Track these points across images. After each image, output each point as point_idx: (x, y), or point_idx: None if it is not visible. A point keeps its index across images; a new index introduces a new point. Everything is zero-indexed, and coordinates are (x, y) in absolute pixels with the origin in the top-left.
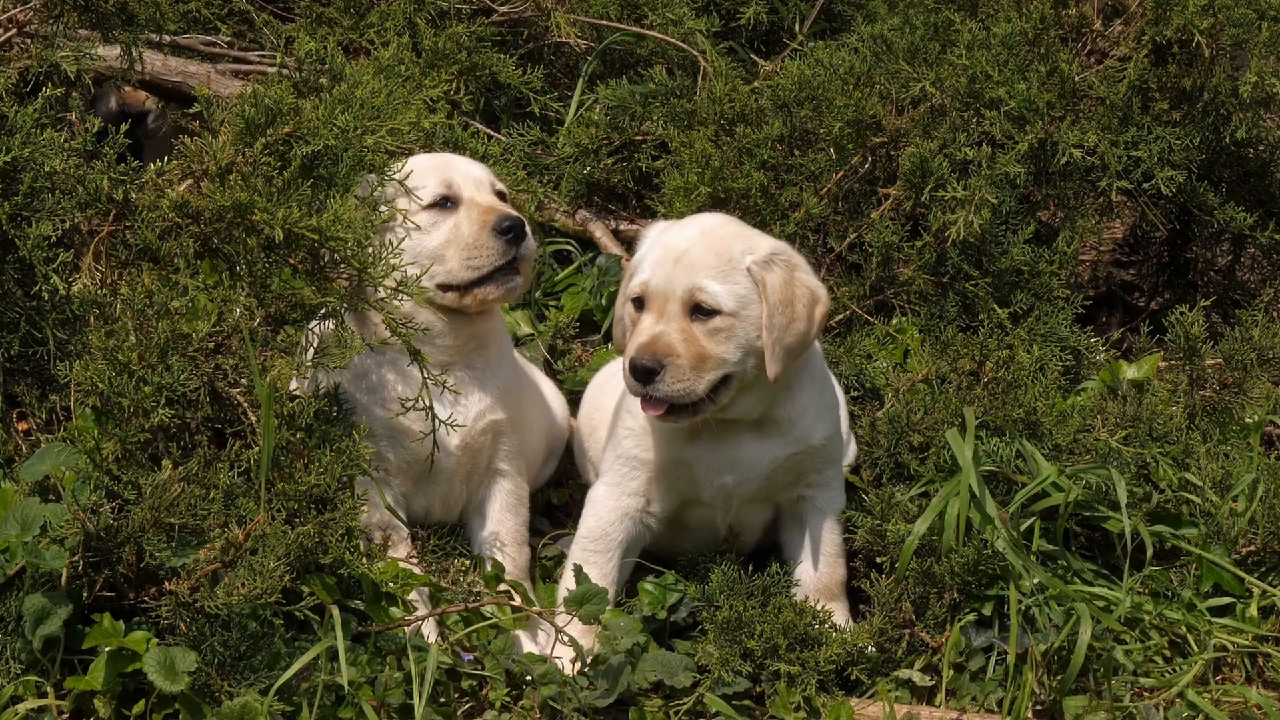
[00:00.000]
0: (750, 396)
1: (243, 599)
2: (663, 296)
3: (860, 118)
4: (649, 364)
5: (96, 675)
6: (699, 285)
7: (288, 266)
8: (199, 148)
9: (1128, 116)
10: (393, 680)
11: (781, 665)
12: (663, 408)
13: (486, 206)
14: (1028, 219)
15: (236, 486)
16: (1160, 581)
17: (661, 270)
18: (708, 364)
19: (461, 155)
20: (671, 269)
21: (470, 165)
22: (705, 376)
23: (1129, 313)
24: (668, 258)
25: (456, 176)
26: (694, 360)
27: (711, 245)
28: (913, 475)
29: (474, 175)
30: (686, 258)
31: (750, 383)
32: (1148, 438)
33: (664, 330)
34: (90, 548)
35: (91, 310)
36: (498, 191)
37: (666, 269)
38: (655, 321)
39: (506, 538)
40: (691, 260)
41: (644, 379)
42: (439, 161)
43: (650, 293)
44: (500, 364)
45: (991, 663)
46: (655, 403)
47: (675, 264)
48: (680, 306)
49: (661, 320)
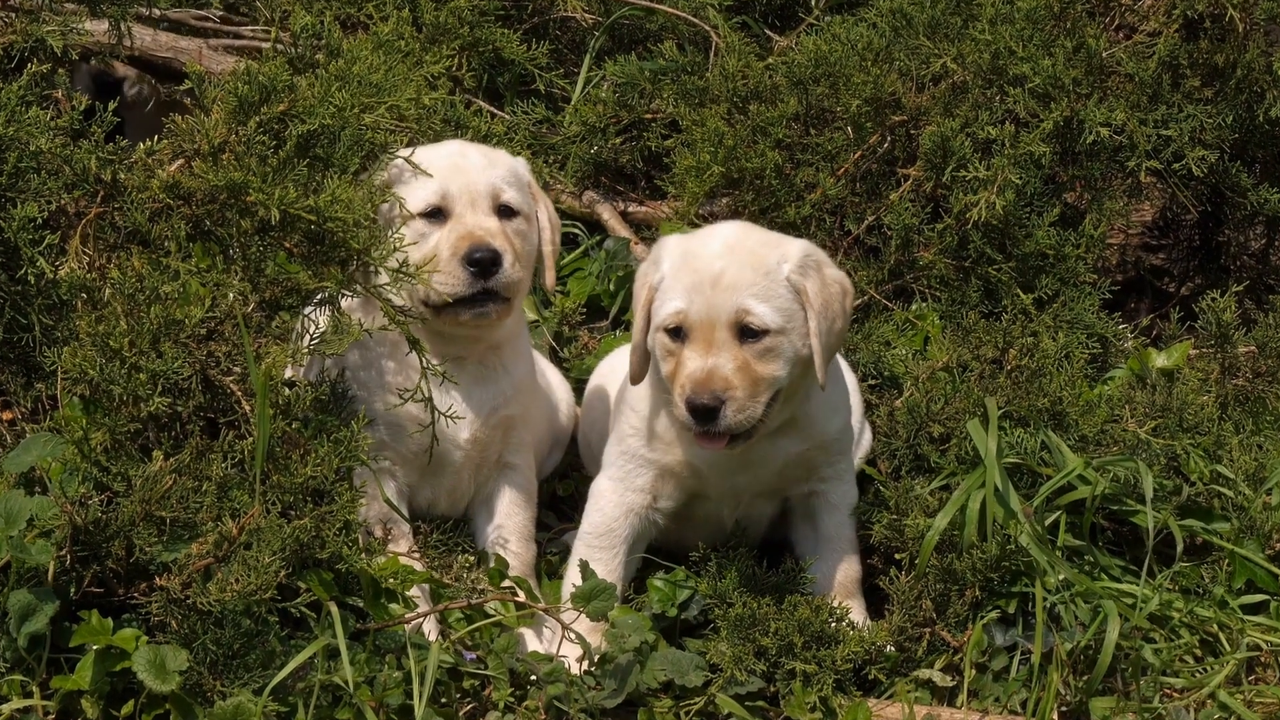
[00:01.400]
0: (785, 404)
1: (236, 595)
2: (707, 324)
3: (879, 95)
4: (710, 403)
5: (84, 674)
6: (745, 308)
7: (283, 250)
8: (191, 126)
9: (1157, 94)
10: (392, 680)
11: (797, 664)
12: (724, 440)
13: (466, 231)
14: (1053, 200)
15: (230, 478)
16: (1191, 578)
17: (700, 297)
18: (762, 386)
19: (475, 146)
20: (711, 294)
21: (477, 172)
22: (761, 400)
23: (1158, 298)
24: (703, 282)
25: (454, 187)
26: (750, 387)
27: (746, 261)
28: (933, 468)
29: (474, 187)
30: (724, 280)
31: (789, 391)
32: (1178, 428)
33: (717, 364)
34: (78, 542)
35: (79, 295)
36: (500, 205)
37: (705, 295)
38: (703, 353)
39: (512, 532)
40: (730, 281)
41: (707, 419)
42: (445, 164)
43: (691, 322)
44: (516, 359)
45: (1015, 662)
46: (717, 437)
47: (714, 288)
48: (728, 333)
49: (711, 352)
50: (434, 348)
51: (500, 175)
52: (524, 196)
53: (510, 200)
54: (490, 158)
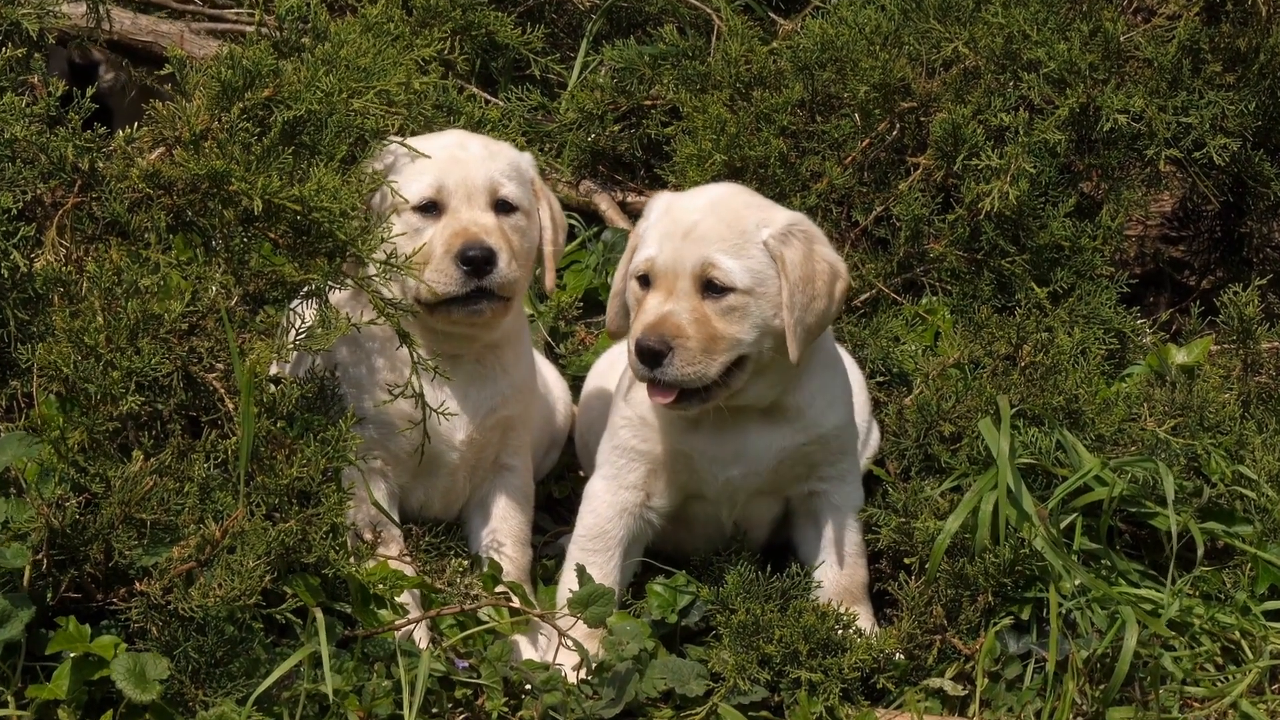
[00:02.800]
0: (764, 381)
1: (219, 601)
2: (671, 273)
3: (888, 81)
4: (656, 346)
5: (60, 683)
6: (711, 260)
7: (267, 241)
8: (172, 112)
9: (1177, 79)
10: (381, 689)
11: (802, 673)
12: (672, 393)
13: (461, 228)
14: (1068, 190)
15: (213, 479)
16: (1212, 583)
17: (669, 244)
18: (720, 345)
19: (476, 137)
20: (680, 243)
21: (475, 165)
22: (718, 359)
23: (1178, 292)
24: (676, 231)
25: (450, 180)
26: (705, 341)
27: (723, 217)
28: (943, 468)
29: (471, 180)
30: (696, 231)
31: (765, 366)
32: (1198, 427)
33: (672, 309)
34: (55, 545)
35: (55, 289)
36: (498, 200)
37: (675, 243)
38: (663, 300)
39: (507, 536)
40: (702, 233)
41: (651, 362)
42: (443, 155)
43: (657, 269)
44: (516, 359)
45: (1029, 671)
46: (664, 388)
47: (684, 238)
48: (690, 284)
49: (670, 299)
50: (429, 345)
51: (500, 169)
52: (524, 191)
53: (509, 195)
54: (491, 150)
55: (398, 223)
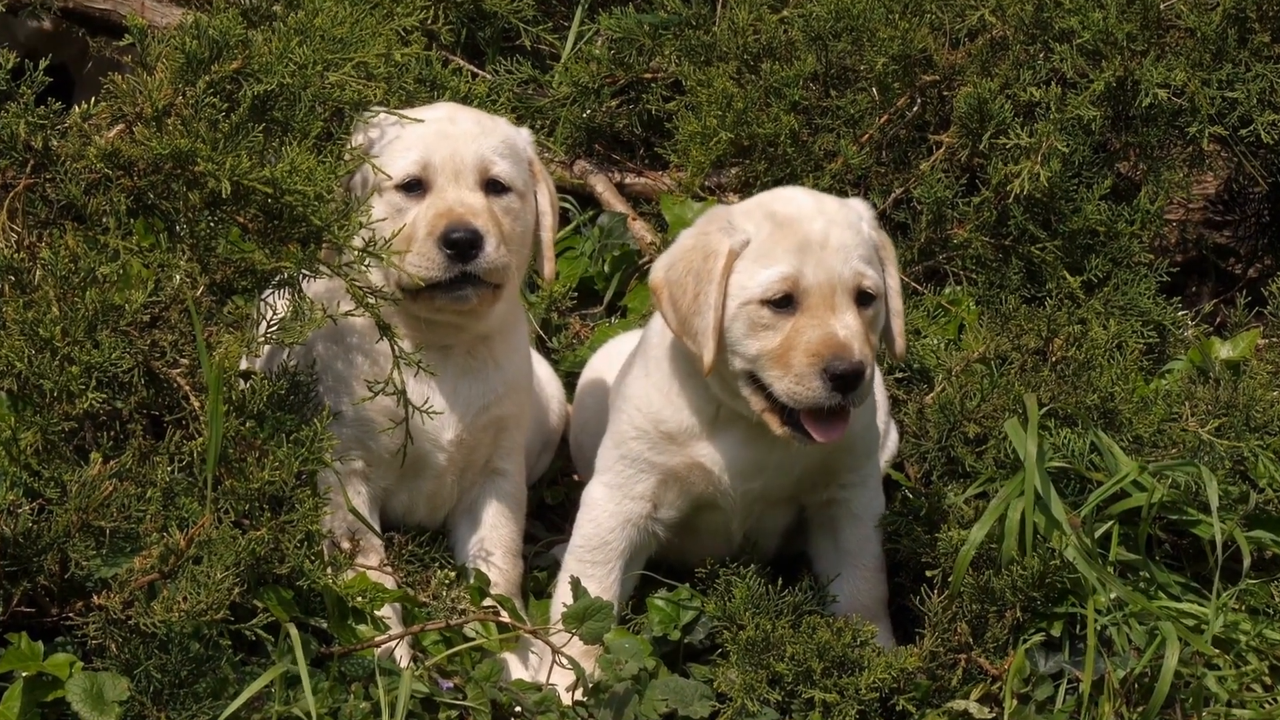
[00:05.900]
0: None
1: (184, 615)
2: (828, 289)
3: (907, 52)
4: (856, 369)
5: (11, 705)
6: (860, 271)
7: (236, 226)
8: (132, 87)
9: (1222, 51)
10: (359, 711)
11: (816, 693)
12: (845, 423)
13: (445, 208)
14: (1104, 171)
15: (177, 484)
16: (1259, 596)
17: (810, 260)
18: (870, 354)
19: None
20: (822, 257)
21: (466, 141)
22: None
23: (1223, 281)
24: (811, 244)
25: (437, 157)
26: (872, 357)
27: (848, 220)
28: (968, 472)
29: (459, 157)
30: (832, 242)
31: None
32: (1244, 428)
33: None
34: (5, 555)
35: (6, 277)
36: (489, 180)
37: (815, 256)
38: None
39: (497, 545)
40: (841, 243)
41: (850, 387)
42: (431, 130)
43: (805, 289)
44: (510, 353)
45: (1061, 692)
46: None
47: (824, 250)
48: (848, 298)
49: (834, 316)
50: (416, 336)
51: (492, 145)
52: (519, 171)
53: (501, 174)
54: (484, 125)
55: (380, 203)
